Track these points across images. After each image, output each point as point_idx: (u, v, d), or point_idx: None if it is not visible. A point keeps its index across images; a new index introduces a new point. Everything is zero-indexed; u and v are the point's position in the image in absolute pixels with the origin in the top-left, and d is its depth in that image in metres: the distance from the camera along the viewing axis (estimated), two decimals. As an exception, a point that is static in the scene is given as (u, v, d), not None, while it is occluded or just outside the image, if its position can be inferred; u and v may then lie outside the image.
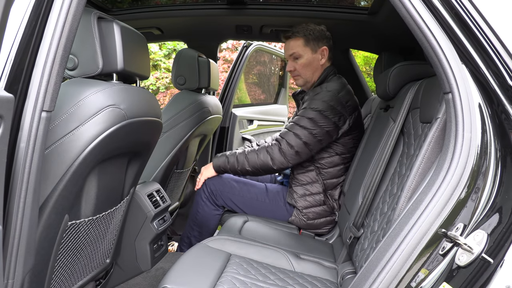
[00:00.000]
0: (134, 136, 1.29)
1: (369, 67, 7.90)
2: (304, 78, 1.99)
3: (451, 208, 0.84)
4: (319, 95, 1.86)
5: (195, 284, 1.20)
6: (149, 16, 2.50)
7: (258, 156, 1.87)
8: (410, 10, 0.90)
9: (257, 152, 1.88)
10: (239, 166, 1.90)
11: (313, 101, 1.85)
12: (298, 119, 1.85)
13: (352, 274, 1.40)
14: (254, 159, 1.87)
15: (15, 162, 0.83)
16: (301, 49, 1.94)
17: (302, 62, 1.96)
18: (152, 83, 9.56)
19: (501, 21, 0.86)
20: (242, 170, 1.91)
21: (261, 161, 1.86)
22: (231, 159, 1.93)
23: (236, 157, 1.92)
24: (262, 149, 1.88)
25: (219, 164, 1.97)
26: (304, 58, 1.95)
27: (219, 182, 2.03)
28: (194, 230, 2.08)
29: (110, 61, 1.19)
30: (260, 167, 1.87)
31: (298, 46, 1.94)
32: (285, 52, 2.01)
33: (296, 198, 1.94)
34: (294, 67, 1.98)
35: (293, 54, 1.96)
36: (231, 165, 1.92)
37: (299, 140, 1.82)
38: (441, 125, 1.03)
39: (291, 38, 1.96)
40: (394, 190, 1.26)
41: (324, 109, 1.81)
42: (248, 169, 1.89)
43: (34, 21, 0.85)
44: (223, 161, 1.95)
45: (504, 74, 0.85)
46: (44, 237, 1.07)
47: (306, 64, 1.96)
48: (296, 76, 2.01)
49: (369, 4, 2.28)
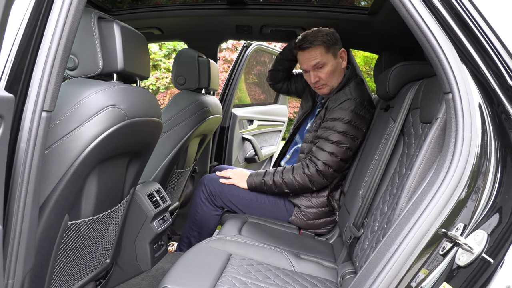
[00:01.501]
0: (134, 136, 1.29)
1: (369, 67, 7.91)
2: (330, 86, 1.94)
3: (451, 208, 0.84)
4: (345, 104, 1.81)
5: (195, 284, 1.20)
6: (149, 16, 2.50)
7: (295, 179, 1.83)
8: (410, 10, 0.90)
9: (294, 176, 1.84)
10: (276, 189, 1.89)
11: (340, 111, 1.80)
12: (329, 134, 1.80)
13: (352, 274, 1.40)
14: (291, 183, 1.84)
15: (15, 162, 0.83)
16: (324, 57, 1.88)
17: (327, 70, 1.89)
18: (152, 83, 9.56)
19: (501, 21, 0.86)
20: (280, 192, 1.91)
21: (299, 184, 1.84)
22: (268, 181, 1.90)
23: (272, 179, 1.89)
24: (298, 170, 1.84)
25: (256, 186, 1.93)
26: (329, 66, 1.89)
27: (218, 183, 2.02)
28: (194, 230, 2.07)
29: (110, 61, 1.19)
30: (299, 189, 1.86)
31: (321, 55, 1.88)
32: (305, 63, 1.92)
33: (300, 197, 1.94)
34: (319, 77, 1.91)
35: (317, 64, 1.89)
36: (268, 187, 1.90)
37: (335, 158, 1.79)
38: (441, 125, 1.03)
39: (310, 48, 1.88)
40: (394, 190, 1.26)
41: (354, 119, 1.79)
42: (286, 191, 1.89)
43: (34, 21, 0.85)
44: (259, 182, 1.92)
45: (504, 74, 0.85)
46: (44, 237, 1.07)
47: (332, 71, 1.90)
48: (321, 85, 1.94)
49: (369, 4, 2.27)
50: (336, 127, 1.79)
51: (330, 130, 1.81)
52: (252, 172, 2.00)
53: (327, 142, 1.80)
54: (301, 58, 1.95)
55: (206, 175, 2.14)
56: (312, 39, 1.89)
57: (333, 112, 1.83)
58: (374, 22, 2.16)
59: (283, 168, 1.90)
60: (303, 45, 1.90)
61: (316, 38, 1.88)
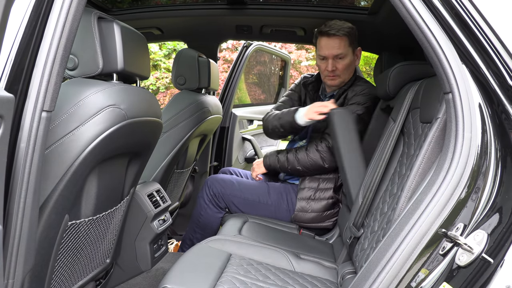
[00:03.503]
0: (134, 136, 1.29)
1: (369, 67, 7.91)
2: (342, 79, 1.94)
3: (451, 208, 0.84)
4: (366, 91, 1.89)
5: (195, 284, 1.20)
6: (149, 16, 2.50)
7: (308, 155, 1.87)
8: (410, 10, 0.90)
9: (307, 152, 1.89)
10: (289, 165, 1.93)
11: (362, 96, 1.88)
12: None
13: (352, 274, 1.39)
14: (304, 159, 1.88)
15: (15, 162, 0.83)
16: (347, 49, 1.88)
17: (346, 62, 1.89)
18: (152, 83, 9.56)
19: (501, 21, 0.86)
20: (292, 169, 1.93)
21: (311, 161, 1.87)
22: (282, 158, 1.95)
23: (286, 156, 1.94)
24: (311, 147, 1.89)
25: (270, 163, 2.00)
26: (347, 59, 1.89)
27: (222, 184, 2.02)
28: (197, 232, 2.07)
29: (110, 61, 1.19)
30: (310, 166, 1.88)
31: (345, 47, 1.87)
32: (327, 50, 1.88)
33: (307, 188, 1.95)
34: (336, 67, 1.90)
35: (339, 55, 1.87)
36: (281, 164, 1.95)
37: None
38: (441, 125, 1.03)
39: (336, 35, 1.85)
40: (394, 190, 1.26)
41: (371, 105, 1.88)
42: (298, 168, 1.90)
43: (34, 21, 0.85)
44: (273, 160, 1.99)
45: (504, 74, 0.85)
46: (44, 237, 1.07)
47: (348, 65, 1.91)
48: (335, 76, 1.93)
49: (369, 4, 2.27)
50: (355, 109, 1.84)
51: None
52: (266, 154, 2.07)
53: None
54: (323, 43, 1.90)
55: (210, 176, 2.13)
56: (338, 27, 1.86)
57: (353, 98, 1.88)
58: (374, 22, 2.16)
59: (298, 146, 1.95)
60: (330, 31, 1.86)
61: (343, 28, 1.86)
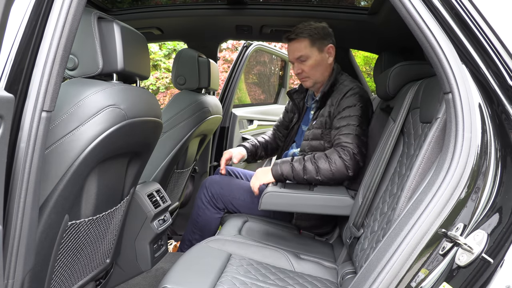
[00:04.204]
0: (134, 136, 1.29)
1: (369, 67, 7.90)
2: (313, 79, 1.91)
3: (451, 208, 0.84)
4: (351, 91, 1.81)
5: (195, 284, 1.20)
6: (149, 16, 2.50)
7: (330, 165, 1.67)
8: (410, 10, 0.90)
9: (329, 160, 1.68)
10: (306, 175, 1.69)
11: (350, 98, 1.79)
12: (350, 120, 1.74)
13: (352, 274, 1.40)
14: (327, 168, 1.67)
15: (15, 162, 0.83)
16: (308, 50, 1.85)
17: (310, 63, 1.87)
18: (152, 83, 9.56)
19: (501, 21, 0.86)
20: (309, 179, 1.70)
21: (336, 170, 1.67)
22: (297, 166, 1.71)
23: (303, 164, 1.70)
24: (332, 156, 1.69)
25: (282, 171, 1.72)
26: (312, 59, 1.86)
27: (220, 185, 2.02)
28: (195, 233, 2.07)
29: (110, 61, 1.19)
30: (333, 176, 1.68)
31: (305, 48, 1.85)
32: (290, 54, 1.90)
33: None
34: (302, 69, 1.88)
35: (300, 57, 1.86)
36: (296, 173, 1.70)
37: (363, 138, 1.74)
38: (441, 125, 1.03)
39: (295, 39, 1.86)
40: (394, 190, 1.26)
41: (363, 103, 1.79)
42: (317, 178, 1.69)
43: (34, 21, 0.85)
44: (287, 169, 1.72)
45: (504, 74, 0.85)
46: (44, 237, 1.07)
47: (315, 65, 1.87)
48: (304, 78, 1.91)
49: (369, 4, 2.27)
50: (353, 112, 1.77)
51: (348, 117, 1.76)
52: (276, 161, 1.81)
53: (350, 127, 1.73)
54: (287, 48, 1.93)
55: (208, 177, 2.13)
56: (299, 31, 1.86)
57: (343, 102, 1.80)
58: (374, 22, 2.16)
59: (312, 154, 1.74)
60: (290, 36, 1.88)
61: (303, 31, 1.85)
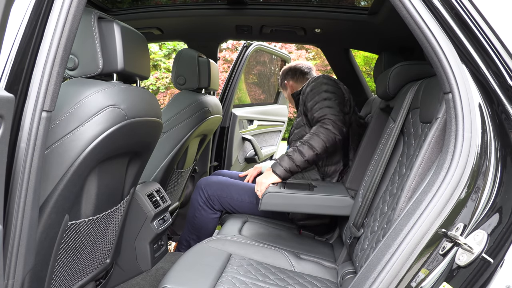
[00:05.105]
0: (134, 136, 1.29)
1: (369, 67, 7.91)
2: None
3: (451, 208, 0.84)
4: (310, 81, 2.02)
5: (195, 284, 1.20)
6: (149, 16, 2.50)
7: (319, 137, 1.79)
8: (410, 10, 0.90)
9: (317, 135, 1.80)
10: (306, 156, 1.77)
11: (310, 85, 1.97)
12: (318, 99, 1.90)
13: (352, 274, 1.40)
14: (318, 141, 1.78)
15: (15, 162, 0.83)
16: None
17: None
18: (152, 83, 9.56)
19: (501, 21, 0.86)
20: (310, 159, 1.78)
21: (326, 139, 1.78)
22: (294, 154, 1.79)
23: (298, 150, 1.79)
24: (317, 130, 1.82)
25: (285, 167, 1.78)
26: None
27: (216, 187, 2.02)
28: (193, 234, 2.07)
29: (110, 61, 1.19)
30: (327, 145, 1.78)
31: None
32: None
33: None
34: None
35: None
36: (297, 159, 1.77)
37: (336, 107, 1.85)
38: (441, 125, 1.03)
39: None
40: (394, 190, 1.26)
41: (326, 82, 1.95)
42: (316, 152, 1.77)
43: (35, 21, 0.85)
44: (287, 162, 1.79)
45: (504, 74, 0.85)
46: (44, 237, 1.07)
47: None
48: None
49: (369, 4, 2.27)
50: (317, 91, 1.92)
51: (315, 98, 1.91)
52: (273, 163, 1.86)
53: (320, 103, 1.87)
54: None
55: (202, 178, 2.13)
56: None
57: (308, 88, 1.97)
58: (374, 22, 2.16)
59: (300, 141, 1.85)
60: None
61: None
